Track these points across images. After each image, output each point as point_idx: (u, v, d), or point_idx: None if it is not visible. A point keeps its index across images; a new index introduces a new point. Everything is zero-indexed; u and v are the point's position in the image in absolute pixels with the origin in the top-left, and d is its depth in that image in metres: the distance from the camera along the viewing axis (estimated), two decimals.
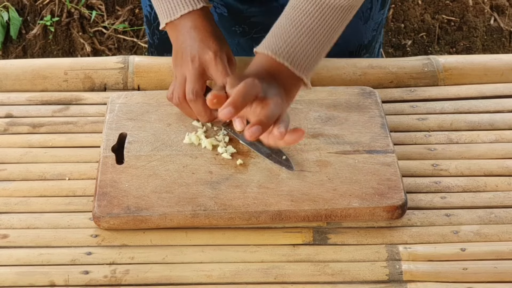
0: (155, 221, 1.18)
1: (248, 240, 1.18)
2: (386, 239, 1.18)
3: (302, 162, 1.25)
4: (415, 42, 2.98)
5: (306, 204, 1.19)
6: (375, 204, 1.19)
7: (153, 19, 1.56)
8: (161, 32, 1.55)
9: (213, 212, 1.18)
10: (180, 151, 1.27)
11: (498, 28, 3.01)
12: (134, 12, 2.96)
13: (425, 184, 1.26)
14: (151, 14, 1.56)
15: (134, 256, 1.16)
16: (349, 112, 1.34)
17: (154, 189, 1.21)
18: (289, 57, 1.17)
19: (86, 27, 2.95)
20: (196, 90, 1.27)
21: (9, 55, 2.92)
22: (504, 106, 1.41)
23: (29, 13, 2.95)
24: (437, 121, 1.38)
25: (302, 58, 1.18)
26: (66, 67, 1.45)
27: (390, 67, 1.47)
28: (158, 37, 1.57)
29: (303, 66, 1.18)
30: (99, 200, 1.19)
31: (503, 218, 1.21)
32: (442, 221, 1.21)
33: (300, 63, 1.18)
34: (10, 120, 1.38)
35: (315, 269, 1.14)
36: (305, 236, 1.19)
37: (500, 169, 1.29)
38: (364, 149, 1.28)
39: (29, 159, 1.30)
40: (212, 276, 1.13)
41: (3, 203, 1.23)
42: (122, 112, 1.34)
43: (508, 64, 1.47)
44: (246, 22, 1.52)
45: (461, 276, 1.13)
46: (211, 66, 1.28)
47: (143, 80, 1.45)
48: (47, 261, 1.15)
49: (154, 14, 1.55)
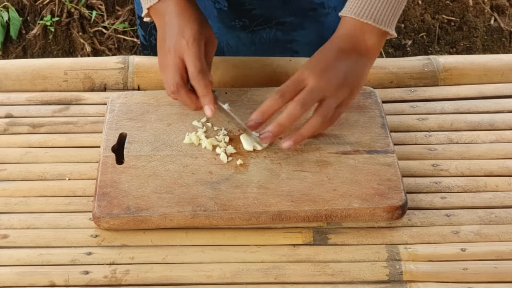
0: (155, 222, 1.18)
1: (248, 241, 1.18)
2: (386, 239, 1.18)
3: (302, 162, 1.25)
4: (415, 42, 2.98)
5: (306, 204, 1.19)
6: (375, 204, 1.19)
7: None
8: None
9: (213, 212, 1.18)
10: (180, 151, 1.27)
11: (498, 28, 3.01)
12: (134, 12, 2.96)
13: (425, 184, 1.26)
14: None
15: (134, 256, 1.16)
16: (349, 112, 1.34)
17: (154, 189, 1.21)
18: (372, 15, 1.24)
19: (86, 27, 2.95)
20: (177, 82, 1.27)
21: (9, 55, 2.92)
22: (504, 106, 1.41)
23: (29, 13, 2.95)
24: (437, 121, 1.38)
25: (384, 13, 1.25)
26: (66, 67, 1.45)
27: (390, 67, 1.47)
28: (155, 38, 1.57)
29: (387, 20, 1.25)
30: (99, 200, 1.19)
31: (503, 218, 1.21)
32: (442, 221, 1.21)
33: (384, 18, 1.25)
34: (10, 120, 1.38)
35: (315, 269, 1.14)
36: (305, 236, 1.19)
37: (500, 169, 1.29)
38: (364, 149, 1.28)
39: (29, 159, 1.30)
40: (212, 276, 1.13)
41: (3, 203, 1.23)
42: (122, 112, 1.34)
43: (508, 64, 1.47)
44: (247, 15, 1.52)
45: (461, 276, 1.13)
46: (185, 54, 1.26)
47: (143, 80, 1.45)
48: (47, 261, 1.15)
49: None
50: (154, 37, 1.57)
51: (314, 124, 1.24)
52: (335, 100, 1.24)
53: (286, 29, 1.52)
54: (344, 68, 1.24)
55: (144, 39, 1.60)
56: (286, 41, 1.53)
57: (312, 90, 1.23)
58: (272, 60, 1.46)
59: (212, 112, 1.25)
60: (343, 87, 1.24)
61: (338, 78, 1.23)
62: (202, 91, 1.25)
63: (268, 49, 1.53)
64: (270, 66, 1.45)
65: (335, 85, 1.23)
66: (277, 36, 1.53)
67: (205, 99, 1.25)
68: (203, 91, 1.25)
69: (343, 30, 1.27)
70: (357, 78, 1.26)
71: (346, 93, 1.25)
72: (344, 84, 1.24)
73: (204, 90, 1.25)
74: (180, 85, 1.27)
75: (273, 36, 1.53)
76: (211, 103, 1.25)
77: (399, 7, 1.27)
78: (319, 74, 1.23)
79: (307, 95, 1.23)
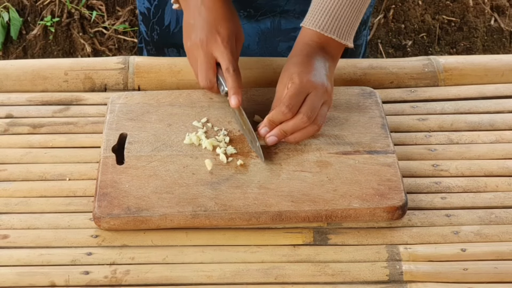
0: (156, 222, 1.18)
1: (248, 241, 1.18)
2: (386, 239, 1.18)
3: (303, 163, 1.25)
4: (415, 43, 2.98)
5: (307, 204, 1.19)
6: (375, 204, 1.19)
7: (152, 14, 1.57)
8: (162, 27, 1.55)
9: (214, 212, 1.18)
10: (180, 152, 1.27)
11: (499, 29, 3.01)
12: (135, 12, 2.96)
13: (426, 185, 1.26)
14: (150, 10, 1.57)
15: (134, 257, 1.16)
16: (350, 113, 1.34)
17: (154, 190, 1.21)
18: (335, 31, 1.32)
19: (87, 28, 2.95)
20: (210, 79, 1.35)
21: (10, 56, 2.92)
22: (505, 106, 1.41)
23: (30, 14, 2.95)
24: (437, 121, 1.38)
25: (346, 28, 1.33)
26: (66, 68, 1.45)
27: (390, 67, 1.47)
28: (158, 32, 1.58)
29: (348, 34, 1.34)
30: (100, 200, 1.19)
31: (504, 218, 1.21)
32: (443, 222, 1.21)
33: (345, 33, 1.33)
34: (11, 120, 1.38)
35: (315, 269, 1.14)
36: (305, 236, 1.19)
37: (500, 169, 1.29)
38: (365, 150, 1.28)
39: (29, 160, 1.30)
40: (212, 276, 1.13)
41: (4, 203, 1.23)
42: (123, 112, 1.34)
43: (508, 65, 1.47)
44: (251, 5, 1.53)
45: (461, 276, 1.13)
46: (218, 51, 1.33)
47: (144, 81, 1.45)
48: (48, 262, 1.15)
49: (153, 10, 1.56)
50: (157, 32, 1.58)
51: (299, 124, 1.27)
52: (320, 98, 1.28)
53: (290, 17, 1.54)
54: (322, 70, 1.31)
55: (146, 35, 1.61)
56: (290, 30, 1.55)
57: (314, 100, 1.27)
58: (272, 60, 1.46)
59: (238, 103, 1.30)
60: (328, 85, 1.30)
61: (323, 79, 1.29)
62: (233, 84, 1.31)
63: (273, 38, 1.56)
64: (270, 66, 1.45)
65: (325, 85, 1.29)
66: (281, 24, 1.55)
67: (233, 90, 1.31)
68: (234, 83, 1.31)
69: (306, 40, 1.34)
70: (331, 79, 1.32)
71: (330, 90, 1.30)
72: (328, 83, 1.30)
73: (235, 83, 1.31)
74: (213, 82, 1.35)
75: (277, 24, 1.55)
76: (238, 94, 1.30)
77: (356, 22, 1.35)
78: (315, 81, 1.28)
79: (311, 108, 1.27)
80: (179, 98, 1.37)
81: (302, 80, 1.27)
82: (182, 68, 1.45)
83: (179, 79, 1.45)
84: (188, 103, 1.36)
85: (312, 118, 1.27)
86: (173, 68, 1.46)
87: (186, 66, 1.44)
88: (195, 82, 1.43)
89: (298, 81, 1.27)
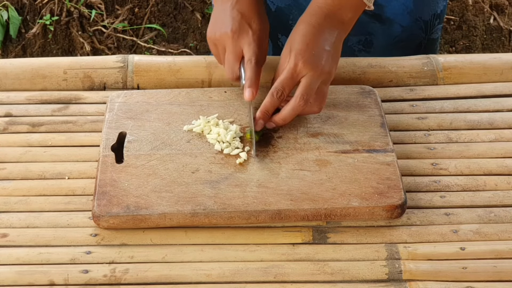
0: (155, 220, 1.18)
1: (247, 239, 1.18)
2: (385, 238, 1.18)
3: (302, 161, 1.25)
4: None
5: (306, 203, 1.19)
6: (374, 203, 1.19)
7: None
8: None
9: (213, 211, 1.18)
10: (179, 150, 1.27)
11: (498, 27, 3.01)
12: (134, 11, 2.96)
13: (425, 183, 1.26)
14: None
15: (133, 255, 1.16)
16: (349, 111, 1.34)
17: (153, 188, 1.21)
18: None
19: (86, 26, 2.95)
20: (235, 72, 1.34)
21: (9, 54, 2.92)
22: (504, 105, 1.41)
23: (29, 12, 2.95)
24: (436, 120, 1.38)
25: None
26: (65, 66, 1.45)
27: (389, 66, 1.47)
28: None
29: None
30: (99, 199, 1.19)
31: (503, 217, 1.21)
32: (442, 220, 1.21)
33: None
34: (10, 119, 1.38)
35: (314, 268, 1.14)
36: (304, 235, 1.19)
37: (499, 168, 1.29)
38: (364, 148, 1.28)
39: (28, 158, 1.30)
40: (211, 275, 1.13)
41: (3, 202, 1.23)
42: (122, 111, 1.34)
43: (507, 63, 1.47)
44: None
45: (460, 275, 1.13)
46: (246, 43, 1.33)
47: (143, 79, 1.45)
48: (47, 260, 1.15)
49: None
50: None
51: (296, 107, 1.28)
52: (317, 79, 1.27)
53: None
54: (325, 46, 1.28)
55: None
56: None
57: (311, 82, 1.27)
58: (272, 60, 1.46)
59: (252, 95, 1.30)
60: (326, 65, 1.28)
61: (322, 58, 1.28)
62: (250, 75, 1.31)
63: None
64: (270, 66, 1.45)
65: (322, 66, 1.27)
66: None
67: (249, 82, 1.31)
68: (251, 75, 1.31)
69: (317, 4, 1.30)
70: (336, 53, 1.30)
71: (328, 70, 1.28)
72: (327, 62, 1.28)
73: (253, 75, 1.31)
74: (237, 74, 1.34)
75: None
76: (253, 87, 1.30)
77: None
78: (312, 62, 1.27)
79: (307, 90, 1.27)
80: (178, 97, 1.37)
81: (297, 63, 1.26)
82: (181, 67, 1.45)
83: (178, 77, 1.45)
84: (187, 101, 1.36)
85: (309, 100, 1.27)
86: (172, 67, 1.46)
87: (185, 65, 1.44)
88: (194, 81, 1.43)
89: (293, 64, 1.27)
